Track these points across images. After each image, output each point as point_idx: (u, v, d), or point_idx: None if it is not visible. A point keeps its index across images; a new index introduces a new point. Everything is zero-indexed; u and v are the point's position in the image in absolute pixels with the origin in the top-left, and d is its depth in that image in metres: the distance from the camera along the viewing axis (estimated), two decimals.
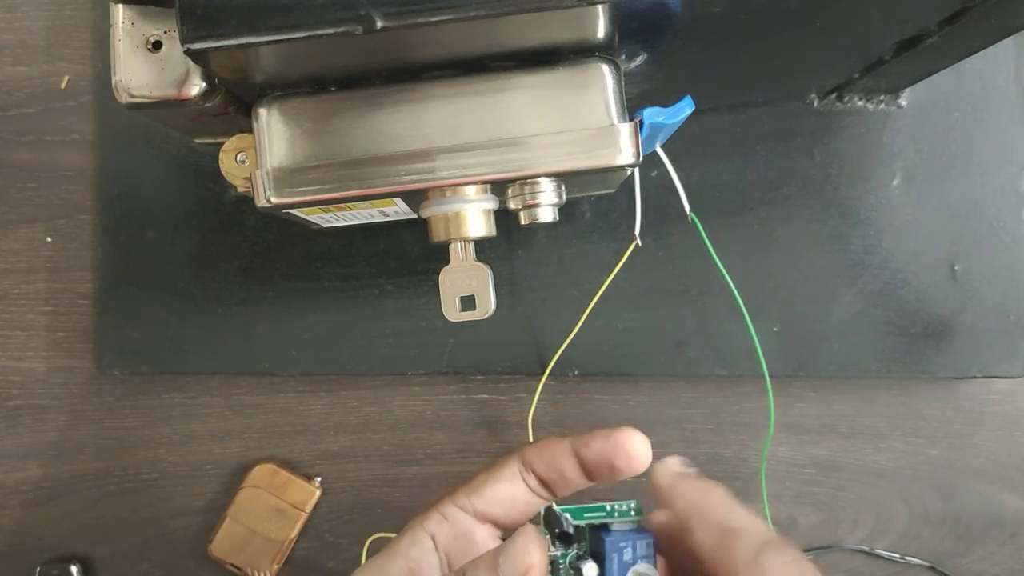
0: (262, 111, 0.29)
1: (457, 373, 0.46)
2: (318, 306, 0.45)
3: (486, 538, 0.30)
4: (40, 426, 0.47)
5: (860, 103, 0.45)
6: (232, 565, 0.46)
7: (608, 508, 0.26)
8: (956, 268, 0.44)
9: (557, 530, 0.25)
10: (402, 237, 0.45)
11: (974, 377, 0.45)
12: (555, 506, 0.27)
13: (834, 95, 0.44)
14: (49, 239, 0.47)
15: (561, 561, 0.26)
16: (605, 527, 0.26)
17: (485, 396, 0.46)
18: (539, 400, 0.47)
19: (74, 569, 0.46)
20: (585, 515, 0.26)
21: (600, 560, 0.25)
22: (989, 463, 0.46)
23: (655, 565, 0.25)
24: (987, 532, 0.46)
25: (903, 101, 0.45)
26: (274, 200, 0.28)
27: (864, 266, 0.45)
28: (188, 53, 0.24)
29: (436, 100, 0.28)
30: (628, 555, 0.25)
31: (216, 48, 0.24)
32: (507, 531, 0.30)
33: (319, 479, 0.47)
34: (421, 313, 0.45)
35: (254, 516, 0.45)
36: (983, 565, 0.46)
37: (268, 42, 0.24)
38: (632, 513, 0.26)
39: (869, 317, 0.44)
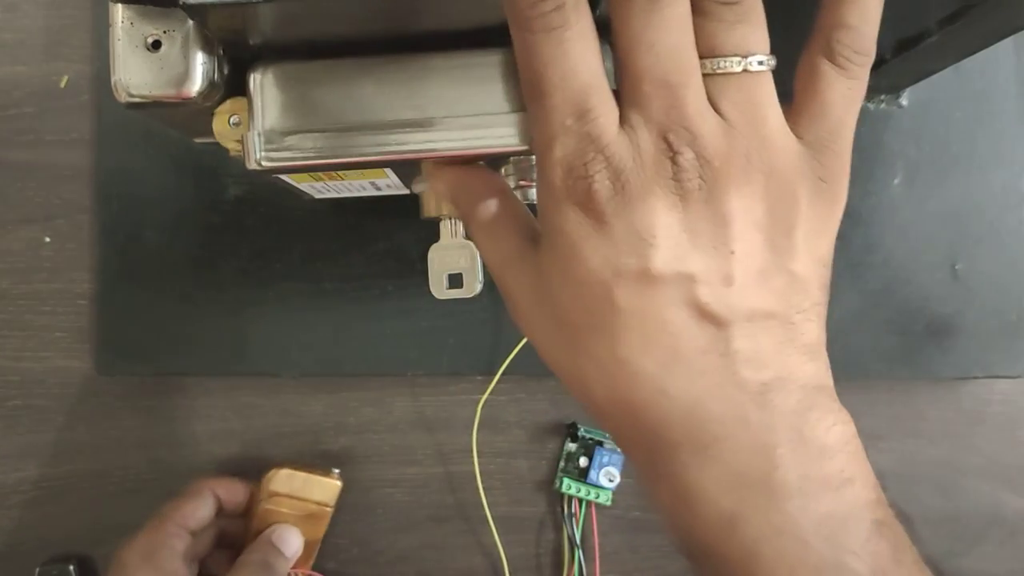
0: (256, 74, 0.29)
1: (457, 373, 0.46)
2: (318, 307, 0.45)
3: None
4: (39, 426, 0.47)
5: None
6: None
7: (607, 435, 0.46)
8: (957, 268, 0.44)
9: (577, 435, 0.45)
10: (402, 237, 0.45)
11: (976, 377, 0.45)
12: (577, 423, 0.46)
13: None
14: (47, 239, 0.47)
15: (572, 453, 0.46)
16: (600, 443, 0.46)
17: (487, 397, 0.46)
18: (539, 401, 0.47)
19: (73, 569, 0.46)
20: (592, 433, 0.46)
21: (590, 457, 0.45)
22: (990, 463, 0.46)
23: (619, 469, 0.45)
24: (988, 532, 0.46)
25: (904, 101, 0.45)
26: (265, 163, 0.28)
27: (865, 265, 0.44)
28: (184, 8, 0.24)
29: (433, 71, 0.28)
30: (605, 459, 0.45)
31: (214, 4, 0.24)
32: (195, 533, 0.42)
33: (337, 470, 0.45)
34: (421, 313, 0.45)
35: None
36: (983, 564, 0.46)
37: (265, 0, 0.24)
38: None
39: (870, 316, 0.44)
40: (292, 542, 0.43)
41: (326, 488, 0.44)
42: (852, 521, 0.23)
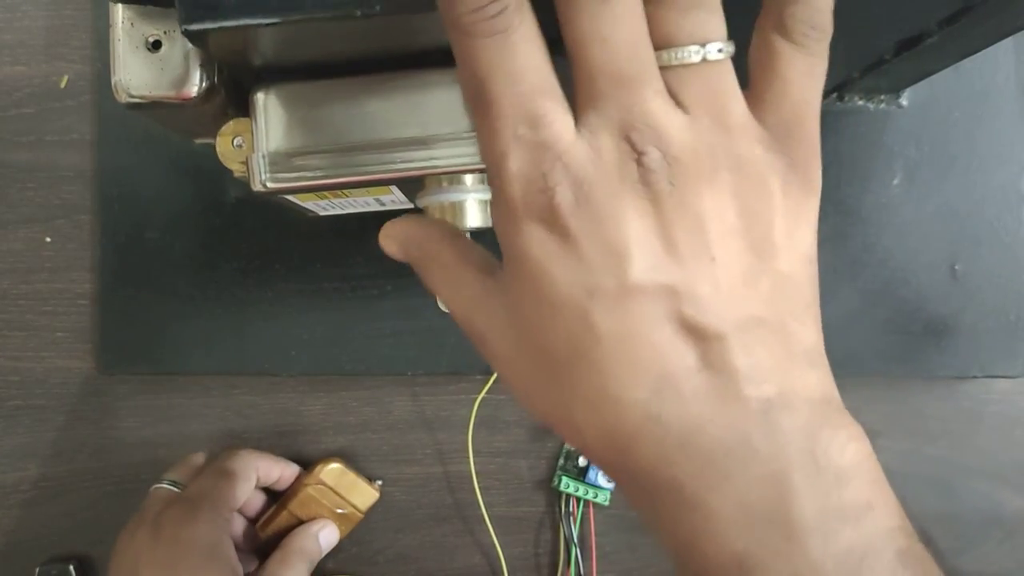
0: (259, 95, 0.29)
1: (457, 373, 0.46)
2: (317, 306, 0.45)
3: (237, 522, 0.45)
4: (39, 426, 0.47)
5: (860, 103, 0.45)
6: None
7: None
8: (956, 267, 0.44)
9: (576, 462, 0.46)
10: None
11: (974, 377, 0.45)
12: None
13: (834, 95, 0.44)
14: (48, 239, 0.47)
15: (571, 452, 0.46)
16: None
17: (485, 396, 0.46)
18: None
19: (73, 569, 0.46)
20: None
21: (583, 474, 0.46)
22: (988, 462, 0.46)
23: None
24: (985, 531, 0.46)
25: (903, 100, 0.45)
26: (270, 185, 0.28)
27: (864, 264, 0.45)
28: (186, 34, 0.24)
29: (435, 88, 0.28)
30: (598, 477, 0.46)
31: (215, 29, 0.24)
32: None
33: (379, 482, 0.46)
34: (421, 313, 0.45)
35: (313, 514, 0.45)
36: (981, 564, 0.46)
37: (266, 24, 0.24)
38: None
39: (869, 316, 0.44)
40: (332, 539, 0.45)
41: (366, 495, 0.45)
42: (873, 554, 0.20)
